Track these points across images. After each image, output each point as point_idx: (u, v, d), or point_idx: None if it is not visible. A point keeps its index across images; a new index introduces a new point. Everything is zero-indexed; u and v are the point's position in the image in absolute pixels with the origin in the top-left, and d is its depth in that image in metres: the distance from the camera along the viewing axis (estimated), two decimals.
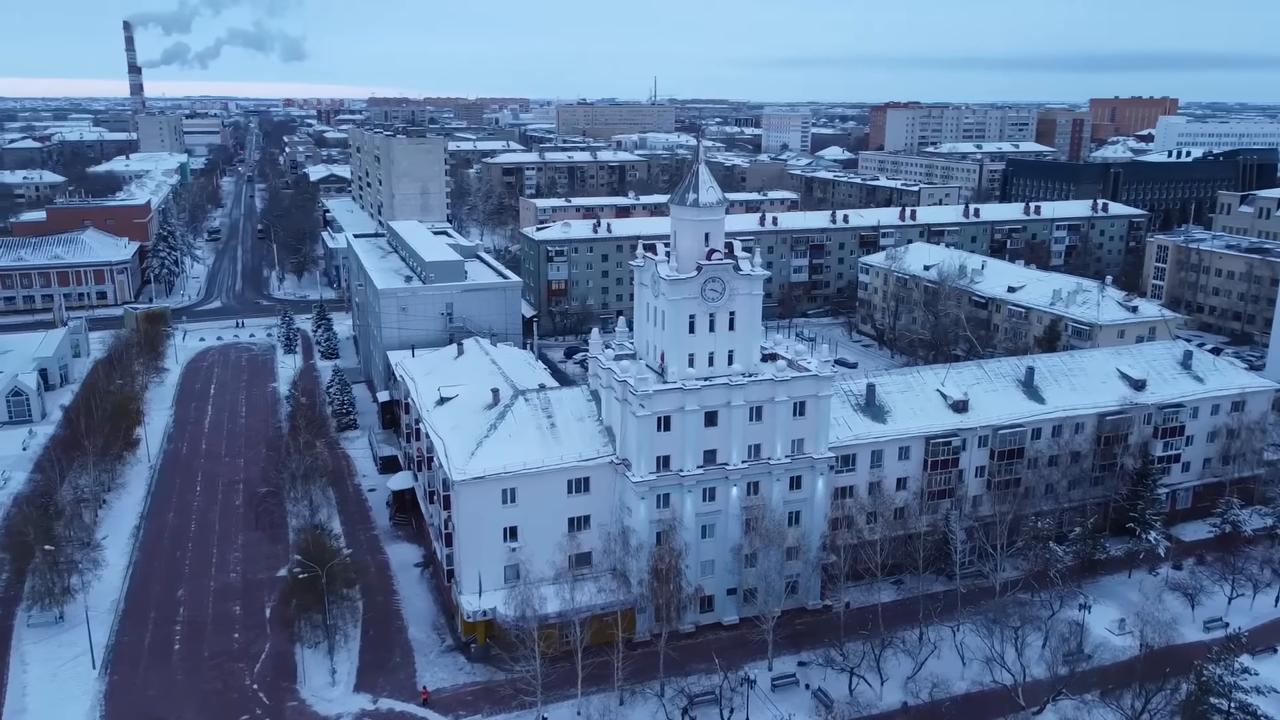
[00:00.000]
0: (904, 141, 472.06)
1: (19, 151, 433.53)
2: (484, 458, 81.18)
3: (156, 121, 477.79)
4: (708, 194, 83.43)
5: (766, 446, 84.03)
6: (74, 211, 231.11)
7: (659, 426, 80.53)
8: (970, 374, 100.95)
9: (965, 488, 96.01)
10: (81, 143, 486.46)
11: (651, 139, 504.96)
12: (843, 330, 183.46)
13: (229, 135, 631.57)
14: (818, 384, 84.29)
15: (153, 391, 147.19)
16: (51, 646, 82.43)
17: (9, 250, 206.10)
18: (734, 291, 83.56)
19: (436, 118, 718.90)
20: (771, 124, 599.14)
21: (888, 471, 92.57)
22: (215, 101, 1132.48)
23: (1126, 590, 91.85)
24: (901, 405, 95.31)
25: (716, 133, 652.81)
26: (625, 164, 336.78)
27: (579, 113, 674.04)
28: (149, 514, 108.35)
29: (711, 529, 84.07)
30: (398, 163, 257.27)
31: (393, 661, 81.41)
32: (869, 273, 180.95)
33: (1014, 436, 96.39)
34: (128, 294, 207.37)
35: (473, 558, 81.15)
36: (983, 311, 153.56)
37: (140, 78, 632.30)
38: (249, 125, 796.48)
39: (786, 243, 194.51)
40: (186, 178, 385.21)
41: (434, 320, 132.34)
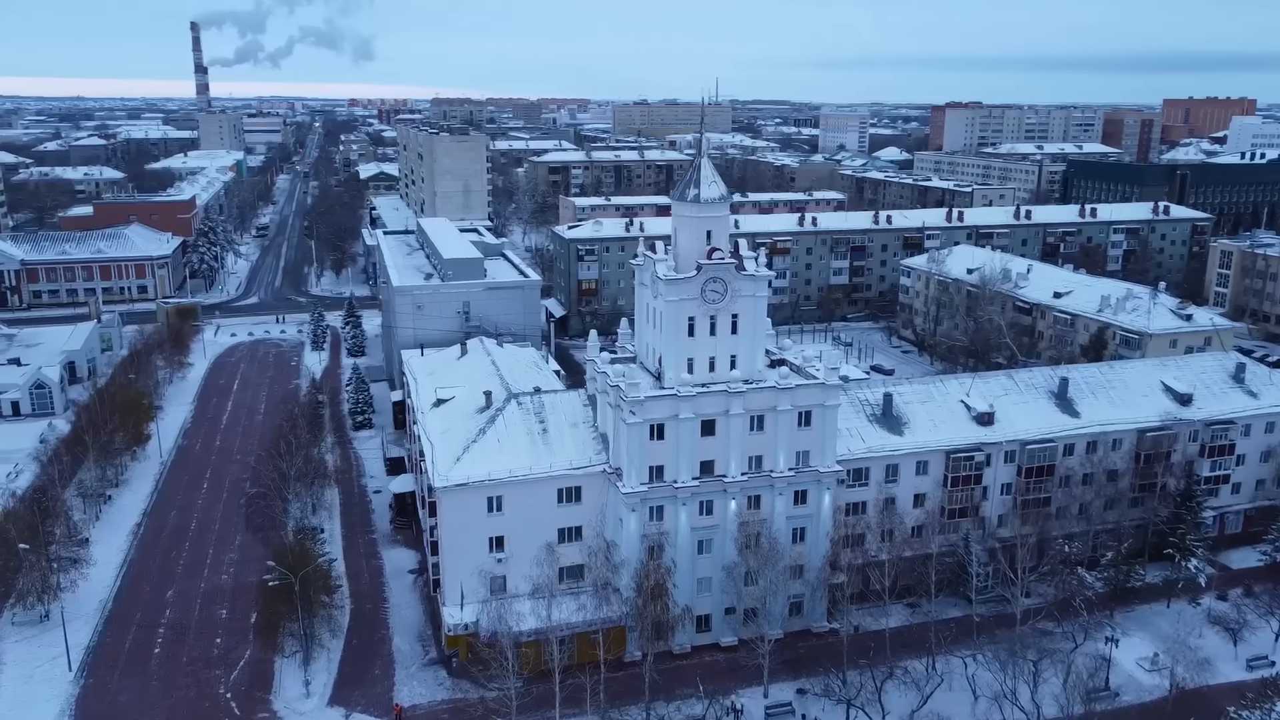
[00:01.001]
0: (963, 142, 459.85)
1: (85, 148, 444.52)
2: (469, 463, 77.60)
3: (217, 120, 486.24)
4: (709, 189, 78.77)
5: (768, 458, 79.04)
6: (120, 206, 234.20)
7: (652, 434, 76.08)
8: (998, 384, 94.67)
9: (989, 506, 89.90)
10: (146, 140, 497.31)
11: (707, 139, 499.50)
12: (882, 335, 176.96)
13: (290, 134, 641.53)
14: (824, 392, 79.06)
15: (175, 386, 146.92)
16: (32, 647, 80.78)
17: (54, 244, 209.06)
18: (736, 293, 78.76)
19: (495, 117, 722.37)
20: (829, 124, 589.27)
21: (903, 487, 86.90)
22: (282, 101, 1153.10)
23: (1163, 622, 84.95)
24: (921, 416, 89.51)
25: (774, 133, 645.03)
26: (672, 163, 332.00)
27: (635, 113, 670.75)
28: (151, 511, 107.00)
29: (708, 544, 79.35)
30: (439, 160, 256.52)
31: (372, 674, 78.21)
32: (910, 275, 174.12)
33: (1044, 452, 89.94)
34: (168, 289, 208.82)
35: (456, 568, 77.59)
36: (1026, 318, 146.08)
37: (206, 77, 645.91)
38: (312, 124, 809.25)
39: (826, 244, 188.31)
40: (243, 174, 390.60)
41: (451, 319, 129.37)
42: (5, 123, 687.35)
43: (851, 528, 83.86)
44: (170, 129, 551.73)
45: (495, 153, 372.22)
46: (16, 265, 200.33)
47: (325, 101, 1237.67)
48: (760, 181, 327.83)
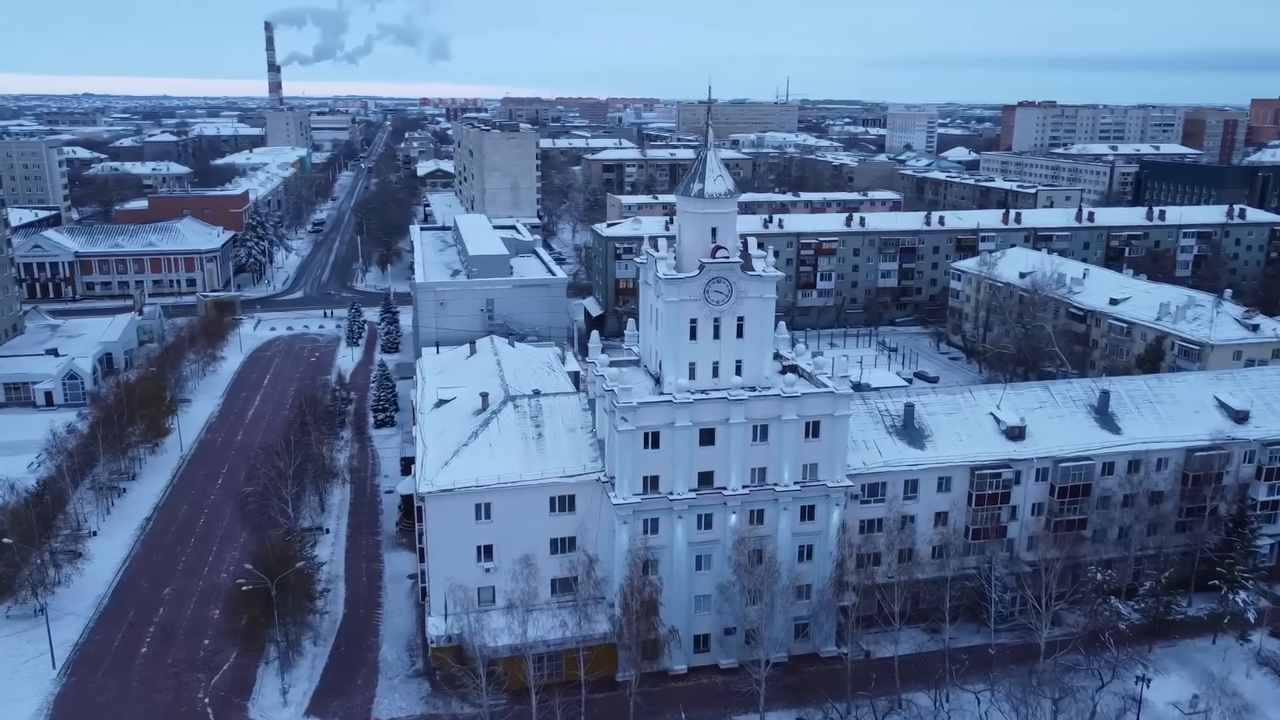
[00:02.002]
0: (1033, 142, 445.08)
1: (157, 144, 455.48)
2: (457, 468, 74.37)
3: (284, 117, 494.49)
4: (714, 184, 74.36)
5: (772, 471, 74.30)
6: (173, 201, 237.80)
7: (646, 443, 71.92)
8: (1032, 396, 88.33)
9: (1017, 527, 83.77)
10: (218, 137, 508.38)
11: (769, 138, 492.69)
12: (930, 341, 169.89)
13: (357, 131, 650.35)
14: (834, 402, 74.02)
15: (206, 380, 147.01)
16: (21, 642, 79.84)
17: (108, 236, 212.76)
18: (742, 294, 74.25)
19: (561, 116, 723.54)
20: (895, 124, 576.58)
21: (923, 504, 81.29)
22: (356, 100, 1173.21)
23: (1207, 659, 78.05)
24: (945, 429, 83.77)
25: (840, 133, 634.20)
26: (729, 161, 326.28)
27: (699, 112, 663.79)
28: (163, 505, 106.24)
29: (707, 560, 74.90)
30: (489, 157, 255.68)
31: (354, 684, 75.49)
32: (961, 279, 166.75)
33: (1079, 470, 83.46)
34: (216, 282, 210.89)
35: (443, 576, 74.32)
36: (1080, 325, 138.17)
37: (279, 76, 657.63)
38: (383, 123, 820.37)
39: (874, 245, 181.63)
40: (306, 170, 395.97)
41: (474, 317, 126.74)
42: (90, 120, 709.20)
43: (863, 546, 78.52)
44: (244, 126, 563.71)
45: (555, 150, 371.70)
46: (71, 257, 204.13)
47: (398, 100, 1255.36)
48: (818, 181, 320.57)
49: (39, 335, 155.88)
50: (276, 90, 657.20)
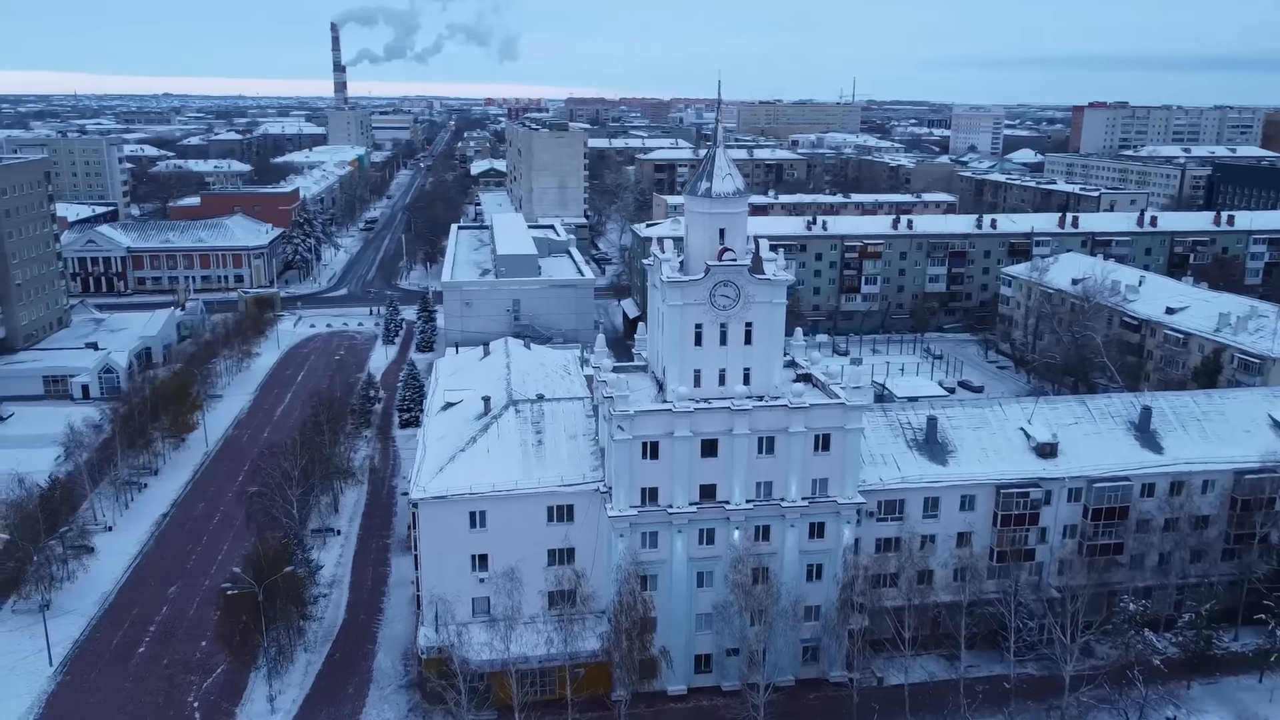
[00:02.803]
0: (1101, 144, 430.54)
1: (223, 143, 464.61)
2: (452, 474, 72.04)
3: (345, 116, 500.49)
4: (723, 183, 70.93)
5: (779, 485, 70.63)
6: (225, 197, 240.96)
7: (644, 453, 68.84)
8: (1067, 411, 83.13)
9: (1047, 550, 78.77)
10: (282, 136, 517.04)
11: (830, 139, 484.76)
12: (978, 348, 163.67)
13: (419, 131, 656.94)
14: (845, 414, 70.08)
15: (240, 376, 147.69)
16: (23, 638, 79.64)
17: (160, 232, 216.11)
18: (750, 299, 70.76)
19: (621, 116, 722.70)
20: (960, 125, 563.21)
21: (945, 523, 76.83)
22: (421, 100, 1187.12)
23: (1252, 699, 72.50)
24: (970, 444, 79.15)
25: (904, 134, 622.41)
26: (783, 162, 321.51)
27: (760, 112, 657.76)
28: (181, 502, 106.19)
29: (709, 577, 71.47)
30: (537, 156, 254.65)
31: (345, 692, 73.73)
32: (1011, 285, 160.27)
33: (1115, 492, 78.15)
34: (263, 278, 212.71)
35: (435, 586, 71.93)
36: (1134, 335, 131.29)
37: (344, 76, 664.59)
38: (446, 122, 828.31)
39: (923, 248, 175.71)
40: (364, 168, 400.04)
41: (500, 317, 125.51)
42: (165, 119, 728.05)
43: (878, 566, 74.29)
44: (309, 125, 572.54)
45: (611, 150, 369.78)
46: (123, 252, 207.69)
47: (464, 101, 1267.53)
48: (874, 182, 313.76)
49: (83, 329, 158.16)
50: (341, 90, 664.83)
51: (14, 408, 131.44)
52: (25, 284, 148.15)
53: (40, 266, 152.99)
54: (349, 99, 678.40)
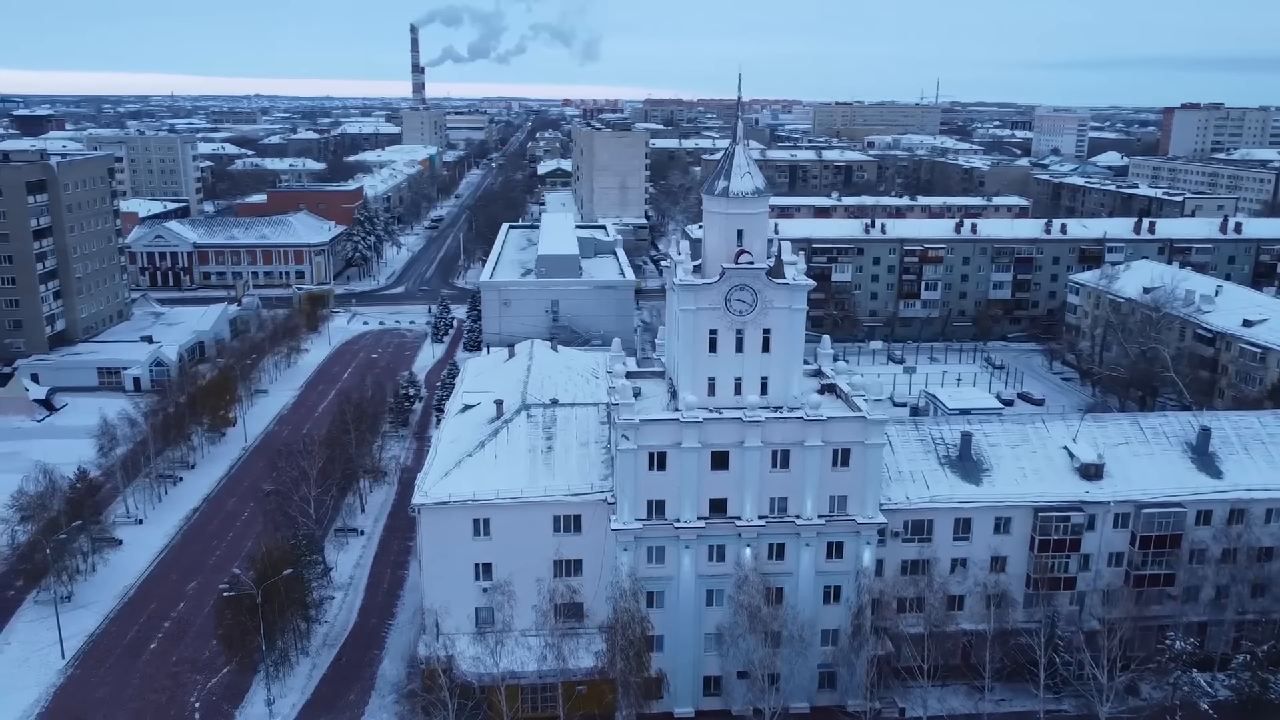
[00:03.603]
0: (1191, 147, 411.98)
1: (301, 142, 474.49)
2: (457, 480, 69.96)
3: (419, 116, 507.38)
4: (741, 182, 67.57)
5: (794, 501, 66.94)
6: (290, 195, 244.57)
7: (651, 464, 65.83)
8: (1116, 430, 77.46)
9: (1090, 579, 73.39)
10: (359, 135, 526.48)
11: (906, 140, 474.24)
12: (1043, 359, 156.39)
13: (493, 131, 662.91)
14: (865, 428, 66.01)
15: (288, 371, 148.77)
16: (41, 629, 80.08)
17: (225, 229, 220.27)
18: (768, 304, 67.18)
19: (696, 117, 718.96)
20: (1043, 126, 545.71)
21: (977, 547, 72.10)
22: (501, 101, 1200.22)
23: None
24: (1008, 462, 74.22)
25: (984, 135, 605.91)
26: (852, 164, 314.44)
27: (836, 113, 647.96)
28: (213, 497, 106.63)
29: (719, 595, 68.08)
30: (598, 155, 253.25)
31: (346, 698, 72.32)
32: (1079, 293, 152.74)
33: (1167, 518, 72.43)
34: (324, 275, 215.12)
35: (438, 594, 70.03)
36: (1208, 349, 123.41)
37: (422, 78, 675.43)
38: (523, 123, 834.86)
39: (987, 253, 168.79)
40: (435, 168, 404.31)
41: (539, 317, 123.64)
42: (251, 119, 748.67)
43: (904, 590, 70.12)
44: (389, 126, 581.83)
45: (681, 151, 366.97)
46: (189, 247, 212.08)
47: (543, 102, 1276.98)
48: (947, 185, 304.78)
49: (142, 322, 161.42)
50: (419, 90, 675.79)
51: (68, 398, 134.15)
52: (85, 278, 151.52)
53: (101, 261, 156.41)
54: (427, 100, 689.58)
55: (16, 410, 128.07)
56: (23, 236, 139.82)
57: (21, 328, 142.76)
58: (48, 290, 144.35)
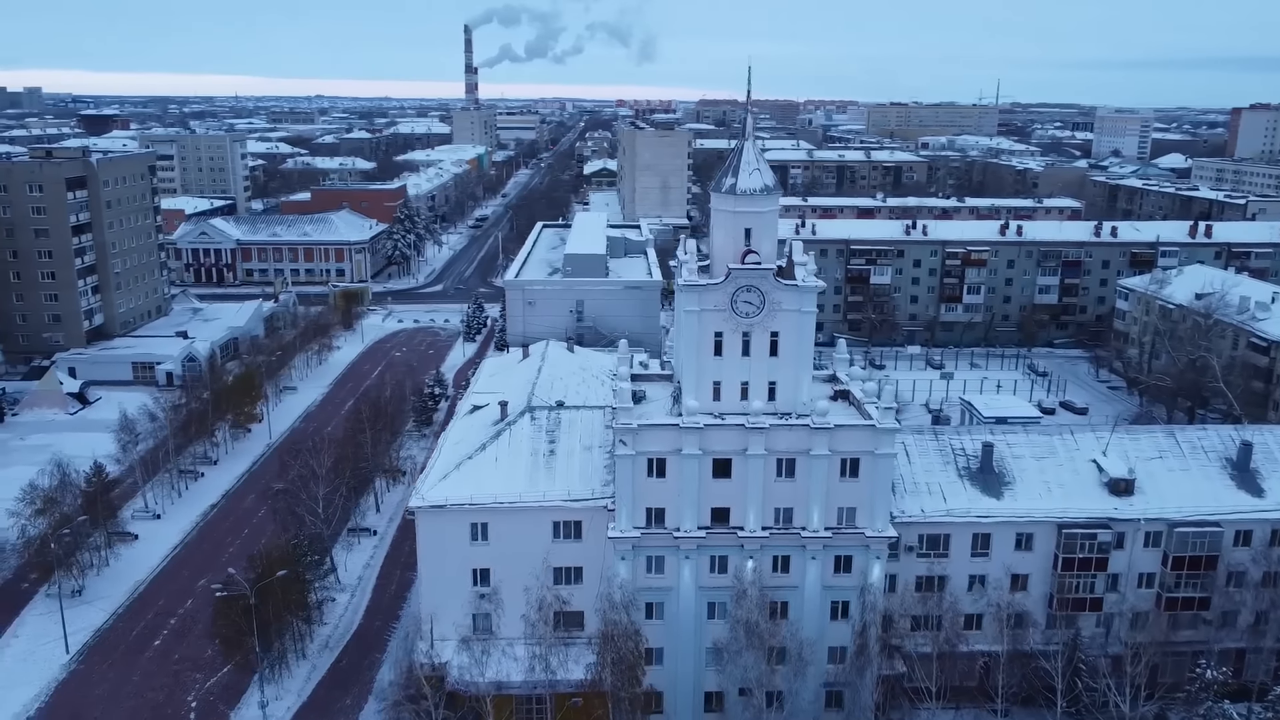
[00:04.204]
0: (1260, 149, 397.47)
1: (353, 141, 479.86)
2: (456, 482, 68.33)
3: (469, 116, 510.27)
4: (749, 179, 64.96)
5: (800, 512, 64.15)
6: (334, 193, 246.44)
7: (650, 470, 63.54)
8: (1150, 444, 73.32)
9: (1119, 601, 69.40)
10: (411, 135, 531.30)
11: (961, 141, 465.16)
12: (1089, 367, 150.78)
13: (544, 131, 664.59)
14: (875, 437, 62.98)
15: (319, 369, 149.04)
16: (48, 623, 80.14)
17: (268, 226, 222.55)
18: (776, 306, 64.46)
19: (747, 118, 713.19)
20: (1104, 128, 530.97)
21: (996, 563, 68.62)
22: (555, 101, 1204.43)
23: None
24: (1032, 475, 70.60)
25: (1043, 137, 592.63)
26: (901, 164, 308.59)
27: (890, 113, 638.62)
28: (233, 493, 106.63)
29: (721, 608, 65.50)
30: (640, 155, 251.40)
31: (342, 703, 71.22)
32: (1128, 298, 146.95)
33: (1202, 538, 68.27)
34: (364, 273, 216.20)
35: (435, 600, 68.50)
36: (1262, 358, 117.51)
37: (475, 78, 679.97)
38: (576, 123, 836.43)
39: (1032, 256, 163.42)
40: (483, 167, 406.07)
41: (563, 317, 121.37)
42: (309, 119, 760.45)
43: (917, 607, 66.96)
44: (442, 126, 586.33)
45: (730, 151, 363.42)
46: (232, 244, 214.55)
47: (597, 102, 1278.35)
48: (999, 186, 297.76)
49: (180, 318, 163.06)
50: (472, 91, 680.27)
51: (103, 392, 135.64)
52: (124, 273, 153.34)
53: (140, 257, 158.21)
54: (480, 100, 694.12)
55: (50, 403, 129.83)
56: (62, 232, 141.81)
57: (60, 322, 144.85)
58: (86, 285, 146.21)
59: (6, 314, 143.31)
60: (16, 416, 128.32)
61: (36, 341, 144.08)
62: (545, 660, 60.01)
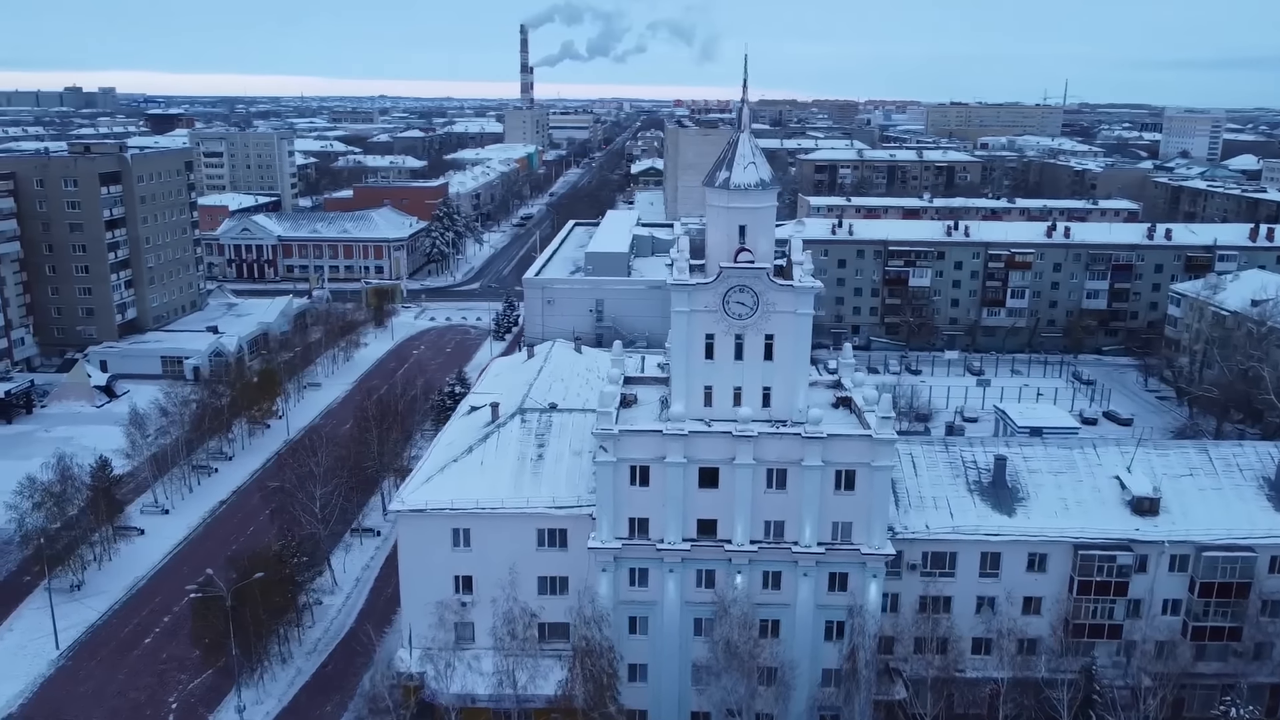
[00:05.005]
0: None
1: (406, 140, 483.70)
2: (439, 485, 66.15)
3: (521, 116, 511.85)
4: (744, 173, 61.65)
5: (792, 526, 60.66)
6: (376, 190, 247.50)
7: (634, 478, 60.56)
8: (1181, 460, 68.34)
9: (1140, 628, 64.64)
10: (465, 134, 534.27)
11: (1022, 142, 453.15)
12: (1138, 375, 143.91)
13: (598, 131, 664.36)
14: (872, 448, 59.20)
15: (345, 365, 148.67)
16: (44, 618, 79.58)
17: (309, 222, 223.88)
18: (770, 307, 61.16)
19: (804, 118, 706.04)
20: (1172, 128, 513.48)
21: (1007, 584, 64.39)
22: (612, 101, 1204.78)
23: None
24: (1048, 491, 66.18)
25: (1108, 137, 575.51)
26: (954, 164, 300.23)
27: (950, 113, 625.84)
28: (244, 489, 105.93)
29: (709, 625, 62.24)
30: (683, 153, 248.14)
31: (324, 709, 69.43)
32: (1180, 304, 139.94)
33: (1233, 564, 63.28)
34: (401, 270, 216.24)
35: (414, 606, 66.38)
36: None
37: (531, 78, 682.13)
38: (632, 123, 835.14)
39: (1080, 259, 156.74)
40: (533, 166, 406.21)
41: (582, 317, 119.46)
42: (368, 118, 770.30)
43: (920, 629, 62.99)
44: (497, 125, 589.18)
45: (782, 151, 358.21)
46: (274, 240, 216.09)
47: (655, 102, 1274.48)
48: (1056, 187, 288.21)
49: (214, 313, 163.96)
50: (528, 90, 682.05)
51: (130, 385, 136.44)
52: (158, 268, 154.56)
53: (175, 251, 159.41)
54: (535, 100, 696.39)
55: (78, 395, 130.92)
56: (96, 226, 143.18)
57: (93, 315, 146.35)
58: (119, 279, 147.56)
59: (42, 307, 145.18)
60: (45, 408, 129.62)
61: (71, 334, 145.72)
62: (512, 675, 57.30)
